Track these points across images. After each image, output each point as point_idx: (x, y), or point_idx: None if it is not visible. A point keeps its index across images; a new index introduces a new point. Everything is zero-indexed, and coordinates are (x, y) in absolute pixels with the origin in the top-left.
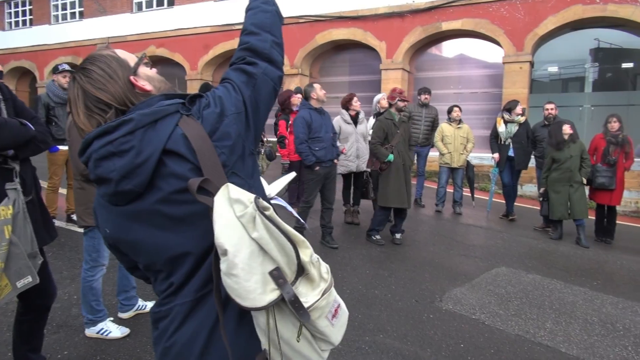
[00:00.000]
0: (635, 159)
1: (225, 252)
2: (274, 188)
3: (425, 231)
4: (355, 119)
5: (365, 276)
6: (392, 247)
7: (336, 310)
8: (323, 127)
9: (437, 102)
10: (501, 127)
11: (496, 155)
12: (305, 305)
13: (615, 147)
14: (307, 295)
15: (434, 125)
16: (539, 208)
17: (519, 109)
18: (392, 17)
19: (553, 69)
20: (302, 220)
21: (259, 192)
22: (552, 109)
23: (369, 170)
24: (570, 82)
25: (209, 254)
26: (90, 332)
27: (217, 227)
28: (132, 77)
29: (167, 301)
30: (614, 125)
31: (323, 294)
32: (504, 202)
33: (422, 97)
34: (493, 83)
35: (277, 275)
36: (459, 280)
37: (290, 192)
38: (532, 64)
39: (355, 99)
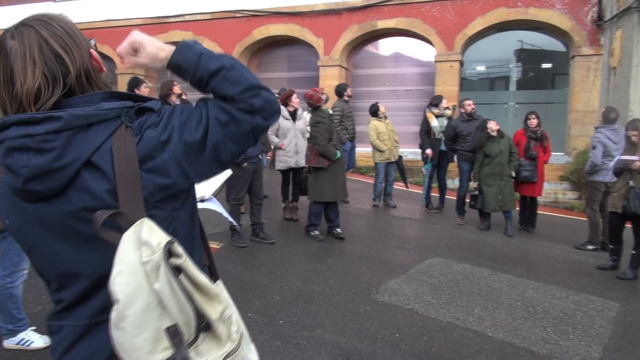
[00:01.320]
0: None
1: (117, 301)
2: (208, 189)
3: (362, 226)
4: (293, 115)
5: (304, 272)
6: (330, 242)
7: None
8: None
9: (373, 99)
10: (434, 122)
11: (429, 150)
12: None
13: (535, 142)
14: (209, 355)
15: None
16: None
17: (445, 103)
18: (329, 14)
19: (481, 68)
20: (234, 223)
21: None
22: (470, 104)
23: (307, 166)
24: (496, 80)
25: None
26: (10, 343)
27: (115, 271)
28: (91, 50)
29: (59, 317)
30: (533, 122)
31: (226, 357)
32: (437, 195)
33: (350, 90)
34: (426, 81)
35: (173, 333)
36: (394, 272)
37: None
38: (461, 63)
39: (294, 95)
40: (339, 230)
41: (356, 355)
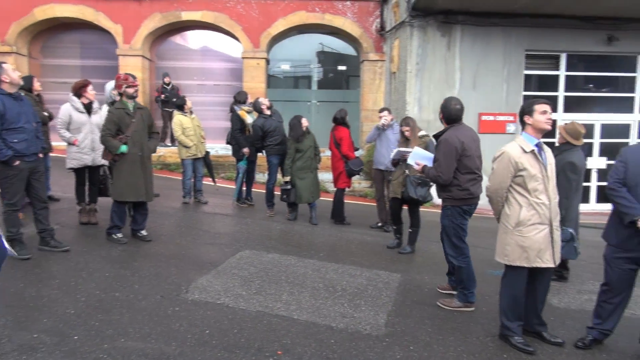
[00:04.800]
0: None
1: None
2: None
3: (171, 224)
4: (88, 108)
5: (105, 279)
6: (136, 245)
7: None
8: (23, 115)
9: (182, 92)
10: (248, 119)
11: (247, 149)
12: None
13: None
14: None
15: None
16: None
17: (250, 99)
18: (127, 0)
19: (286, 66)
20: None
21: None
22: (266, 101)
23: (107, 164)
24: (300, 79)
25: None
26: None
27: None
28: None
29: None
30: None
31: None
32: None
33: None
34: (234, 76)
35: None
36: (205, 268)
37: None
38: (267, 60)
39: (90, 87)
40: (144, 232)
41: (164, 359)
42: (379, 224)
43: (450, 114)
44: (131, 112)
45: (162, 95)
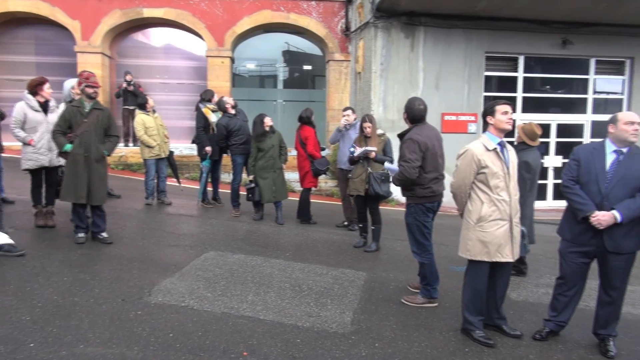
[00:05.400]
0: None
1: None
2: None
3: (133, 226)
4: (44, 107)
5: (63, 284)
6: (96, 248)
7: None
8: None
9: (144, 90)
10: (213, 117)
11: (209, 148)
12: None
13: None
14: None
15: None
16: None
17: (217, 98)
18: None
19: (251, 65)
20: None
21: None
22: (230, 101)
23: (64, 164)
24: (266, 78)
25: None
26: None
27: None
28: None
29: None
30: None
31: None
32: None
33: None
34: (198, 75)
35: None
36: (169, 271)
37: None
38: (232, 59)
39: (47, 85)
40: (104, 235)
41: None
42: (345, 223)
43: (415, 114)
44: (85, 112)
45: (124, 85)
